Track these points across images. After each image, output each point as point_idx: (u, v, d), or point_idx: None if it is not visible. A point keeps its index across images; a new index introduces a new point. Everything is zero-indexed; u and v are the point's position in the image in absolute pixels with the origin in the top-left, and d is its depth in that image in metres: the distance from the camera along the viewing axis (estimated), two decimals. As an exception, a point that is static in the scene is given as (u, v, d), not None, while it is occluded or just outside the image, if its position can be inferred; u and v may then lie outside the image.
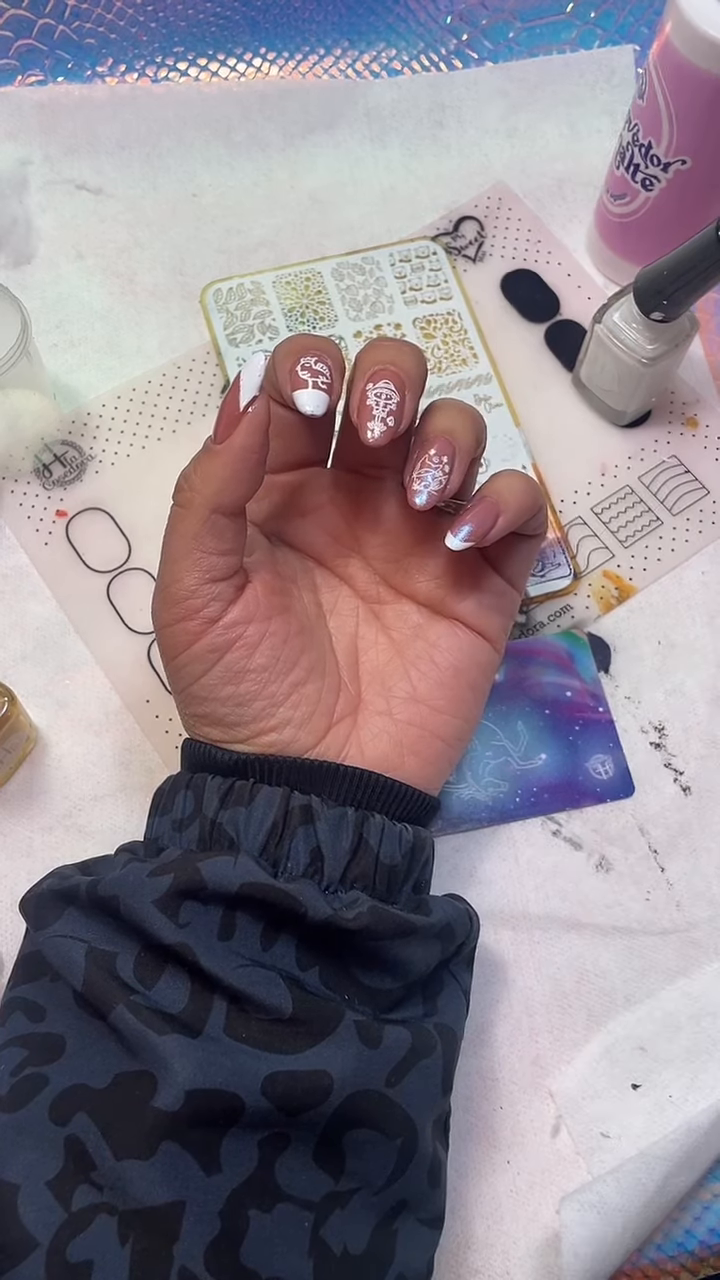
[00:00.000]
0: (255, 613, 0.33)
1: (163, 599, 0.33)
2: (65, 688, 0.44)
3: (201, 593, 0.32)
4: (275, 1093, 0.28)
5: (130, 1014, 0.29)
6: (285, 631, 0.34)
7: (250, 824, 0.32)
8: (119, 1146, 0.28)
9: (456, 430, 0.33)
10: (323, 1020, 0.30)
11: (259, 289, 0.51)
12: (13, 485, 0.48)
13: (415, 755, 0.35)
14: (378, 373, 0.32)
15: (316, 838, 0.32)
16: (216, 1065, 0.28)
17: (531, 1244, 0.37)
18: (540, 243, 0.54)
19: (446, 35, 0.58)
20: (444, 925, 0.33)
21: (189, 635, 0.33)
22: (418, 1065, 0.31)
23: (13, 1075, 0.30)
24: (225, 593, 0.33)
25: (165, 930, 0.30)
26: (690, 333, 0.46)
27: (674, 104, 0.44)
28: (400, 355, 0.32)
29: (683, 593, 0.47)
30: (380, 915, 0.31)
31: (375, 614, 0.37)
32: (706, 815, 0.43)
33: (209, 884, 0.30)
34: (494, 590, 0.36)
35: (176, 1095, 0.28)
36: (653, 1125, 0.38)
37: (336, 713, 0.35)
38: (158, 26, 0.57)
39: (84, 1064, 0.29)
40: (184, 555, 0.32)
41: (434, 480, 0.32)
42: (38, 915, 0.33)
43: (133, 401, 0.50)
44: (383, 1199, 0.30)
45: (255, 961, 0.30)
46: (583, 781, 0.43)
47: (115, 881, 0.31)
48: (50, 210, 0.54)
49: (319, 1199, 0.29)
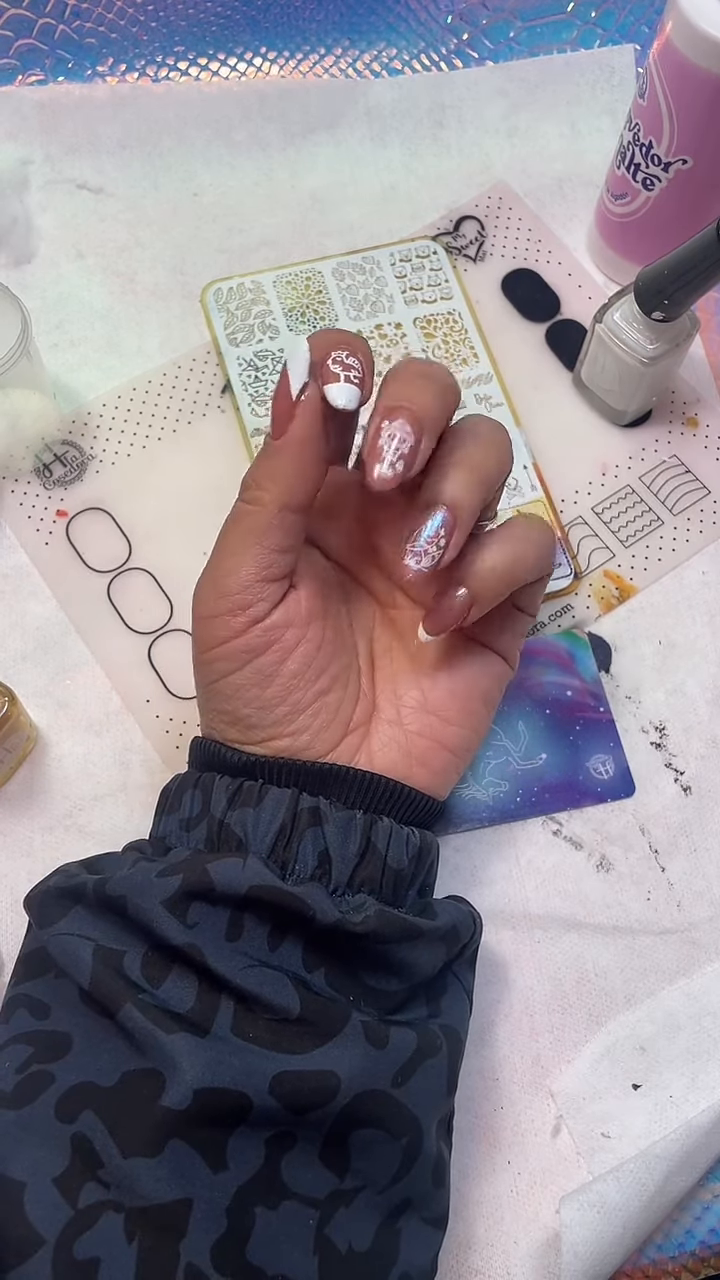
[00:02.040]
0: (296, 617, 0.33)
1: (215, 589, 0.32)
2: (65, 688, 0.44)
3: (254, 589, 0.32)
4: (283, 1092, 0.28)
5: (138, 1012, 0.29)
6: (320, 638, 0.34)
7: (259, 825, 0.32)
8: (126, 1144, 0.28)
9: (461, 500, 0.31)
10: (330, 1021, 0.30)
11: (259, 288, 0.51)
12: (13, 485, 0.48)
13: (424, 766, 0.35)
14: (396, 410, 0.30)
15: (325, 840, 0.32)
16: (225, 1064, 0.28)
17: (532, 1244, 0.37)
18: (541, 242, 0.54)
19: (447, 35, 0.58)
20: (449, 928, 0.33)
21: (230, 631, 0.32)
22: (423, 1066, 0.31)
23: (18, 1072, 0.30)
24: (274, 593, 0.32)
25: (173, 931, 0.30)
26: (691, 332, 0.46)
27: (675, 103, 0.44)
28: (424, 392, 0.31)
29: (683, 592, 0.47)
30: (387, 919, 0.31)
31: (391, 619, 0.37)
32: (707, 815, 0.43)
33: (218, 886, 0.30)
34: (506, 614, 0.36)
35: (185, 1094, 0.28)
36: (653, 1125, 0.38)
37: (353, 722, 0.35)
38: (158, 26, 0.57)
39: (91, 1061, 0.29)
40: (245, 549, 0.32)
41: (428, 559, 0.31)
42: (43, 913, 0.33)
43: (133, 401, 0.50)
44: (387, 1198, 0.30)
45: (262, 962, 0.30)
46: (583, 781, 0.43)
47: (123, 881, 0.31)
48: (51, 210, 0.54)
49: (324, 1197, 0.29)
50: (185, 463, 0.48)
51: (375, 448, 0.30)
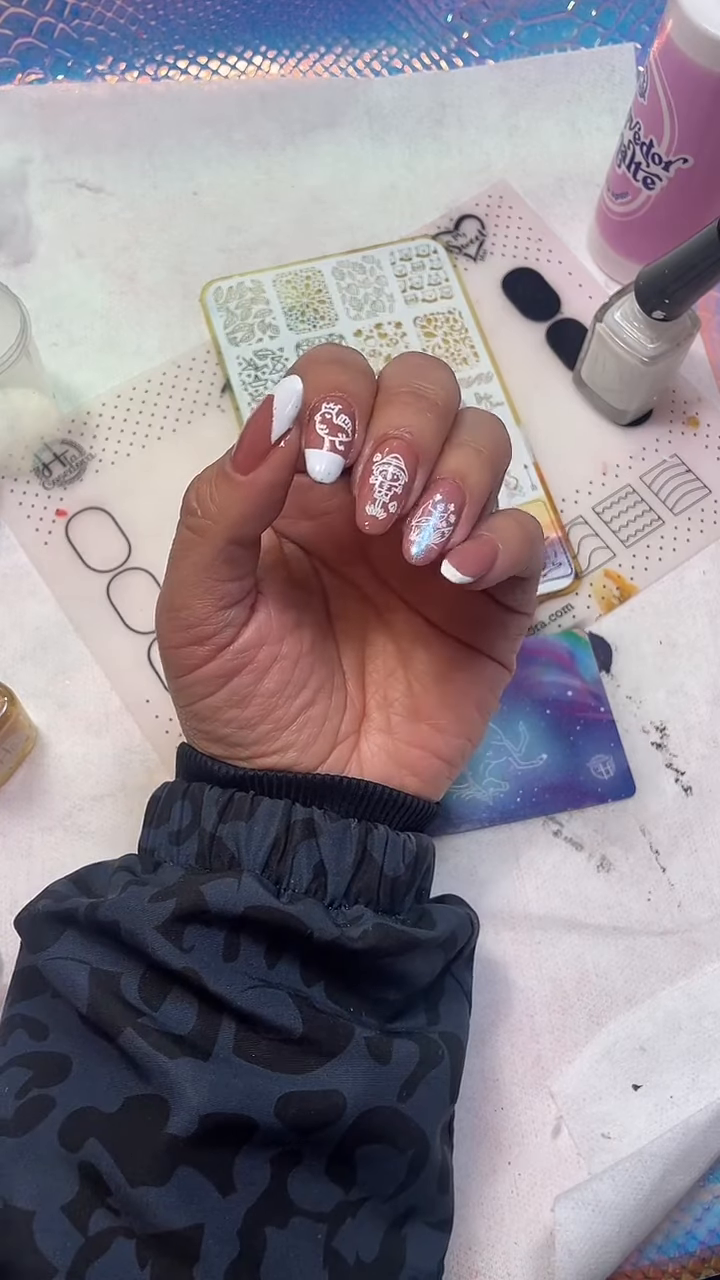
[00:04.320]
0: (267, 635, 0.31)
1: (171, 623, 0.31)
2: (65, 688, 0.44)
3: (214, 620, 0.30)
4: (288, 1114, 0.28)
5: (140, 1037, 0.28)
6: (296, 653, 0.32)
7: (252, 840, 0.31)
8: (133, 1173, 0.27)
9: (469, 474, 0.28)
10: (333, 1039, 0.29)
11: (259, 288, 0.51)
12: (13, 485, 0.48)
13: (415, 775, 0.34)
14: (389, 441, 0.27)
15: (320, 853, 0.31)
16: (229, 1088, 0.28)
17: (533, 1245, 0.37)
18: (541, 241, 0.54)
19: (447, 33, 0.58)
20: (448, 936, 0.33)
21: (198, 659, 0.31)
22: (427, 1077, 0.30)
23: (18, 1097, 0.29)
24: (238, 617, 0.31)
25: (170, 955, 0.29)
26: (692, 331, 0.46)
27: (675, 102, 0.44)
28: (421, 420, 0.28)
29: (684, 592, 0.47)
30: (385, 933, 0.30)
31: (383, 621, 0.35)
32: (708, 815, 0.43)
33: (212, 907, 0.29)
34: (500, 617, 0.34)
35: (190, 1120, 0.27)
36: (653, 1126, 0.38)
37: (341, 733, 0.34)
38: (158, 25, 0.56)
39: (92, 1086, 0.29)
40: (195, 582, 0.30)
41: (434, 533, 0.28)
42: (34, 936, 0.32)
43: (133, 400, 0.50)
44: (392, 1206, 0.30)
45: (262, 981, 0.30)
46: (584, 781, 0.43)
47: (115, 907, 0.30)
48: (50, 209, 0.53)
49: (330, 1210, 0.29)
50: (185, 462, 0.48)
51: (366, 486, 0.27)
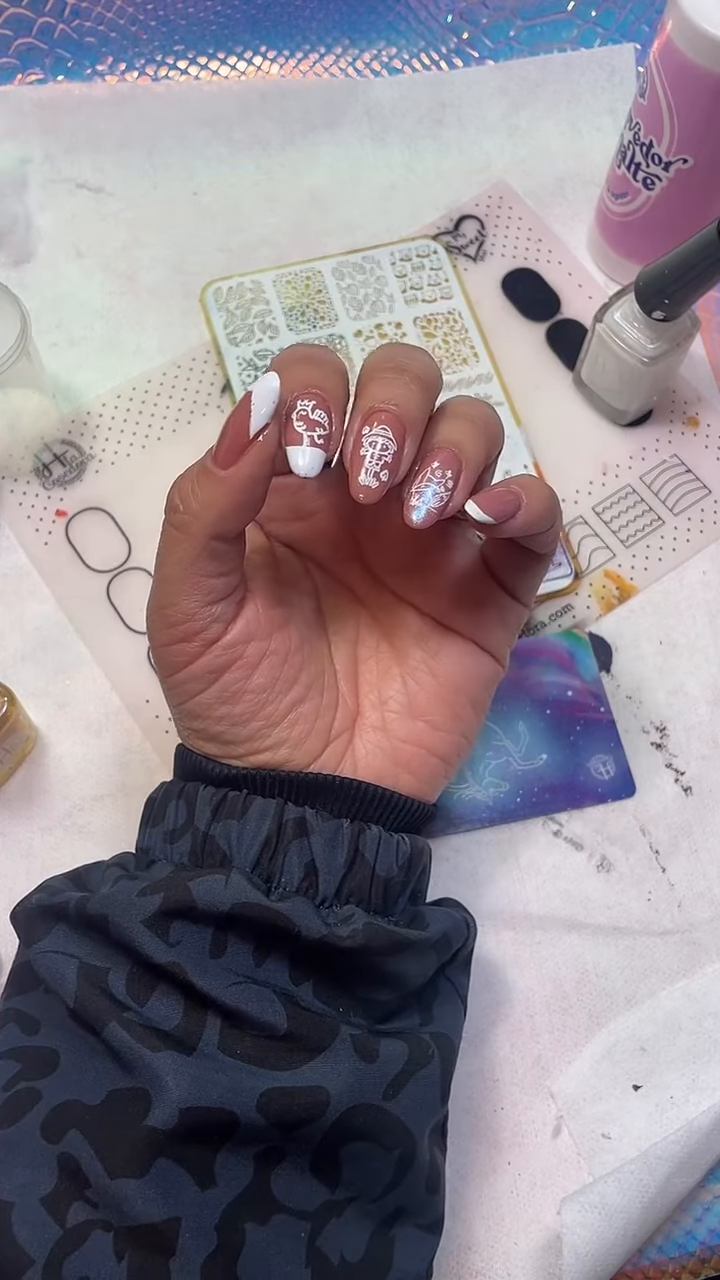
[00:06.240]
0: (256, 630, 0.32)
1: (159, 621, 0.31)
2: (65, 688, 0.44)
3: (201, 615, 0.31)
4: (271, 1110, 0.28)
5: (123, 1030, 0.29)
6: (285, 649, 0.33)
7: (243, 838, 0.31)
8: (112, 1165, 0.28)
9: (464, 442, 0.29)
10: (318, 1036, 0.29)
11: (259, 288, 0.51)
12: (13, 485, 0.48)
13: (410, 774, 0.34)
14: (376, 414, 0.28)
15: (311, 852, 0.31)
16: (211, 1082, 0.28)
17: (533, 1245, 0.37)
18: (541, 241, 0.54)
19: (447, 34, 0.58)
20: (440, 937, 0.33)
21: (187, 656, 0.31)
22: (415, 1077, 0.30)
23: (4, 1090, 0.29)
24: (225, 612, 0.31)
25: (155, 950, 0.29)
26: (691, 332, 0.46)
27: (675, 102, 0.44)
28: (406, 392, 0.29)
29: (684, 592, 0.47)
30: (375, 932, 0.30)
31: (376, 619, 0.36)
32: (708, 815, 0.43)
33: (199, 903, 0.29)
34: (499, 605, 0.34)
35: (171, 1113, 0.28)
36: (654, 1126, 0.38)
37: (333, 730, 0.34)
38: (158, 25, 0.57)
39: (77, 1079, 0.29)
40: (181, 578, 0.30)
41: (434, 497, 0.29)
42: (27, 930, 0.32)
43: (133, 401, 0.50)
44: (380, 1207, 0.30)
45: (248, 978, 0.30)
46: (584, 781, 0.43)
47: (104, 900, 0.31)
48: (50, 209, 0.53)
49: (315, 1209, 0.29)
50: (185, 462, 0.47)
51: (357, 457, 0.28)
